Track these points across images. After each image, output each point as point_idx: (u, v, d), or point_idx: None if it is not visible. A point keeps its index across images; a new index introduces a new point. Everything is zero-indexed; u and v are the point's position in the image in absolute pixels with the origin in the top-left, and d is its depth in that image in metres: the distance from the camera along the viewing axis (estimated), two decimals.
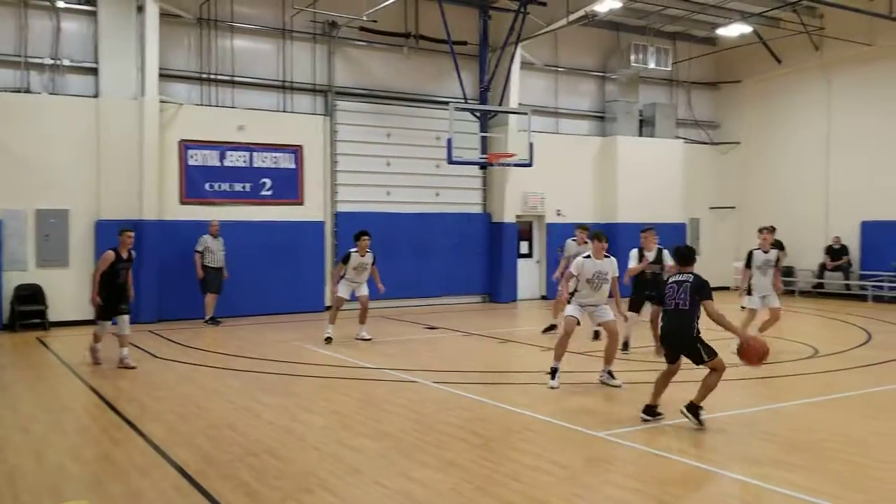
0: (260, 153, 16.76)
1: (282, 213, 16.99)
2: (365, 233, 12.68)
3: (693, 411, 7.15)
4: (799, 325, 15.03)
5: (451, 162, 16.20)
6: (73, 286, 14.68)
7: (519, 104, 18.81)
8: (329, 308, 14.01)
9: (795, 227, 20.19)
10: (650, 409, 7.42)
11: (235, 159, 16.54)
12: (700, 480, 5.97)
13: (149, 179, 15.29)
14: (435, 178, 18.83)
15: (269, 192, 16.88)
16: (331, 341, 12.46)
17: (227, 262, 15.29)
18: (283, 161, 17.05)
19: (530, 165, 17.10)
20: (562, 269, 13.47)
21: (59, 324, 14.48)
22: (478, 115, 17.31)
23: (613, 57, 21.15)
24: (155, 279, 15.18)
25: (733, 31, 19.65)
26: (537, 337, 13.31)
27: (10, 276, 14.37)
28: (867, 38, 19.31)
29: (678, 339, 7.19)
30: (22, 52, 14.75)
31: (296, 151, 17.19)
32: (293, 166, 17.16)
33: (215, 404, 8.46)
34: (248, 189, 16.67)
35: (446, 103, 16.83)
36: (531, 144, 16.86)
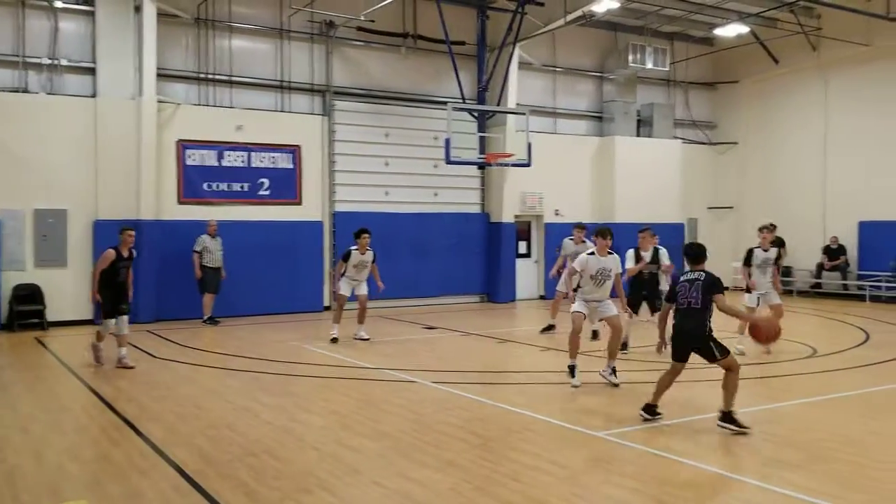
0: (258, 153, 16.75)
1: (280, 212, 16.98)
2: (365, 230, 12.70)
3: (728, 419, 7.04)
4: (797, 325, 15.01)
5: (449, 162, 16.18)
6: (71, 286, 14.71)
7: (517, 104, 18.82)
8: (329, 308, 14.00)
9: (793, 227, 20.18)
10: (650, 409, 7.41)
11: (233, 159, 16.52)
12: (699, 480, 5.97)
13: (147, 179, 15.28)
14: (433, 178, 18.83)
15: (267, 192, 16.87)
16: (337, 341, 12.47)
17: (225, 261, 15.28)
18: (281, 161, 17.04)
19: (528, 165, 17.12)
20: (558, 266, 13.50)
21: (57, 324, 14.47)
22: (476, 115, 17.28)
23: (611, 57, 21.16)
24: (153, 279, 15.17)
25: (731, 31, 19.71)
26: (536, 337, 13.31)
27: (8, 276, 14.36)
28: (864, 39, 19.34)
29: (691, 337, 7.11)
30: (20, 52, 14.73)
31: (294, 151, 17.18)
32: (291, 166, 17.16)
33: (214, 404, 8.45)
34: (246, 189, 16.65)
35: (444, 103, 16.80)
36: (529, 144, 16.87)
